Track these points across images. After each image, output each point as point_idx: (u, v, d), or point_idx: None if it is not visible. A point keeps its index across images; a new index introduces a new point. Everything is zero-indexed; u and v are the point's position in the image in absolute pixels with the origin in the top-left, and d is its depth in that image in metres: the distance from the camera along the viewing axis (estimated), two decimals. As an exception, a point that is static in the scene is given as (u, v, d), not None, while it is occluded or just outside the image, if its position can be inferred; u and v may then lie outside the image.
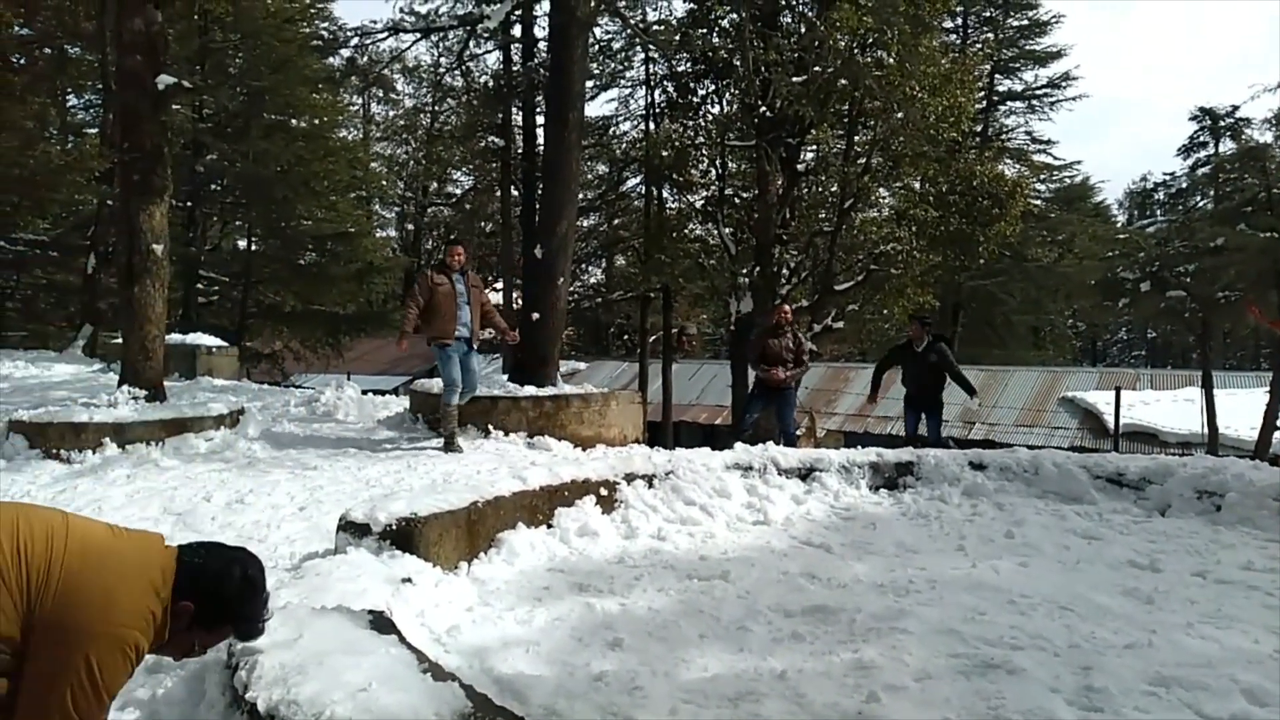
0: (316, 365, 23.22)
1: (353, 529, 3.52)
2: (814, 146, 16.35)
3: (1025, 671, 2.70)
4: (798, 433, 9.76)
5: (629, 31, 17.02)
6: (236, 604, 1.98)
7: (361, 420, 8.97)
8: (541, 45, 17.31)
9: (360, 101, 31.96)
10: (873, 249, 16.06)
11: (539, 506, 4.31)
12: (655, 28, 16.10)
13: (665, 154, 16.29)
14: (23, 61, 15.14)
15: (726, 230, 16.64)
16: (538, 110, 17.91)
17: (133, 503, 5.17)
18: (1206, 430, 15.16)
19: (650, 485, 4.90)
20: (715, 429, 20.95)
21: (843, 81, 13.81)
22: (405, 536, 3.48)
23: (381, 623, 2.44)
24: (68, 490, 5.46)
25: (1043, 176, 33.65)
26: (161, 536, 2.03)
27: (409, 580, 3.12)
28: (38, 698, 1.74)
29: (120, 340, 9.07)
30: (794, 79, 13.43)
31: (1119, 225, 38.28)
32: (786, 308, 9.33)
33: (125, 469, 6.13)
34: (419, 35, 14.07)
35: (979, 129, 28.11)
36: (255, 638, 2.08)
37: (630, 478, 4.83)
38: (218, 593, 1.95)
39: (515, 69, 18.35)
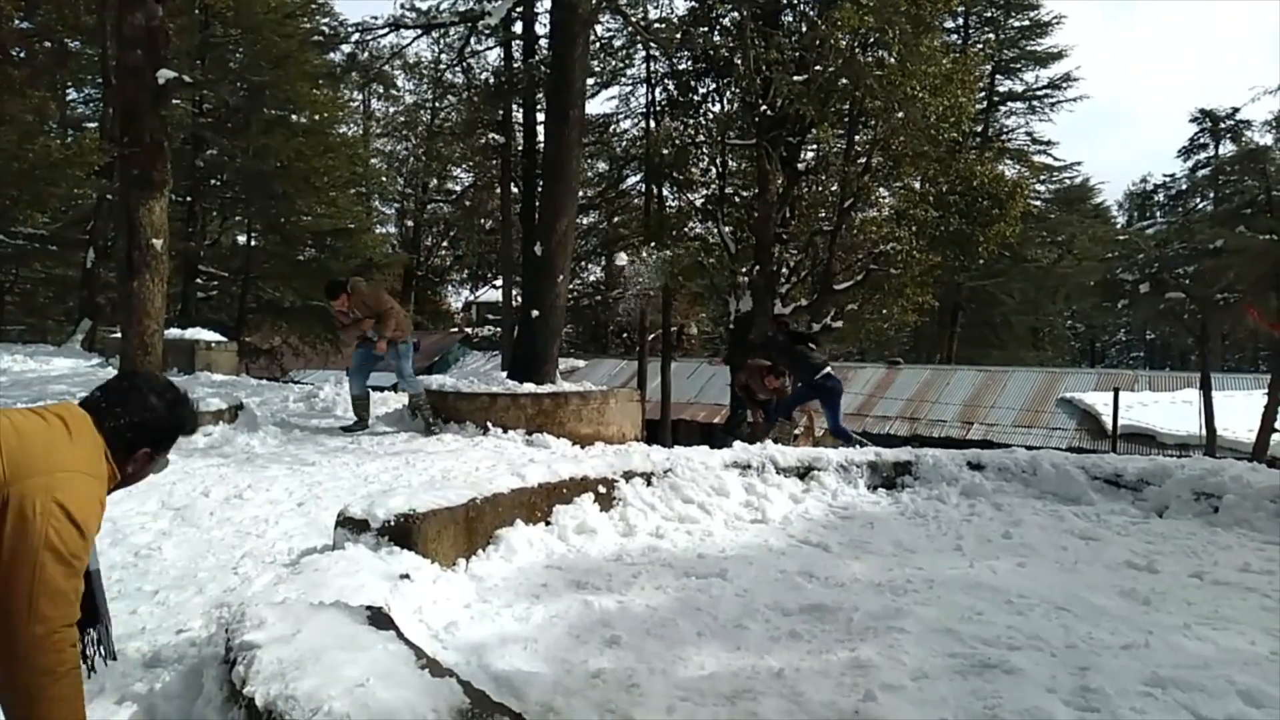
0: (315, 361, 23.24)
1: (351, 525, 3.51)
2: (814, 146, 16.38)
3: (1022, 671, 2.70)
4: (796, 432, 9.91)
5: (630, 29, 17.00)
6: (176, 423, 2.18)
7: (360, 416, 8.95)
8: (542, 42, 17.33)
9: (360, 97, 31.91)
10: (872, 248, 16.09)
11: (537, 504, 4.31)
12: (656, 26, 16.08)
13: (666, 152, 16.32)
14: (23, 55, 15.10)
15: (726, 229, 16.66)
16: (538, 107, 17.93)
17: (130, 496, 5.15)
18: (1204, 432, 15.18)
19: (649, 483, 4.90)
20: (714, 427, 20.95)
21: (843, 81, 13.83)
22: (403, 533, 3.47)
23: (379, 619, 2.44)
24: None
25: (1043, 177, 33.72)
26: (73, 403, 2.11)
27: (407, 576, 3.11)
28: (22, 551, 1.78)
29: (119, 334, 9.07)
30: (795, 78, 13.44)
31: (1118, 226, 38.32)
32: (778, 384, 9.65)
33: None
34: (420, 31, 14.09)
35: (979, 129, 28.16)
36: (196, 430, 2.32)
37: (629, 476, 4.83)
38: (160, 428, 2.13)
39: (516, 66, 18.36)
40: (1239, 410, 16.30)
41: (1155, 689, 2.59)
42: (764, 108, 14.62)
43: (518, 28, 18.12)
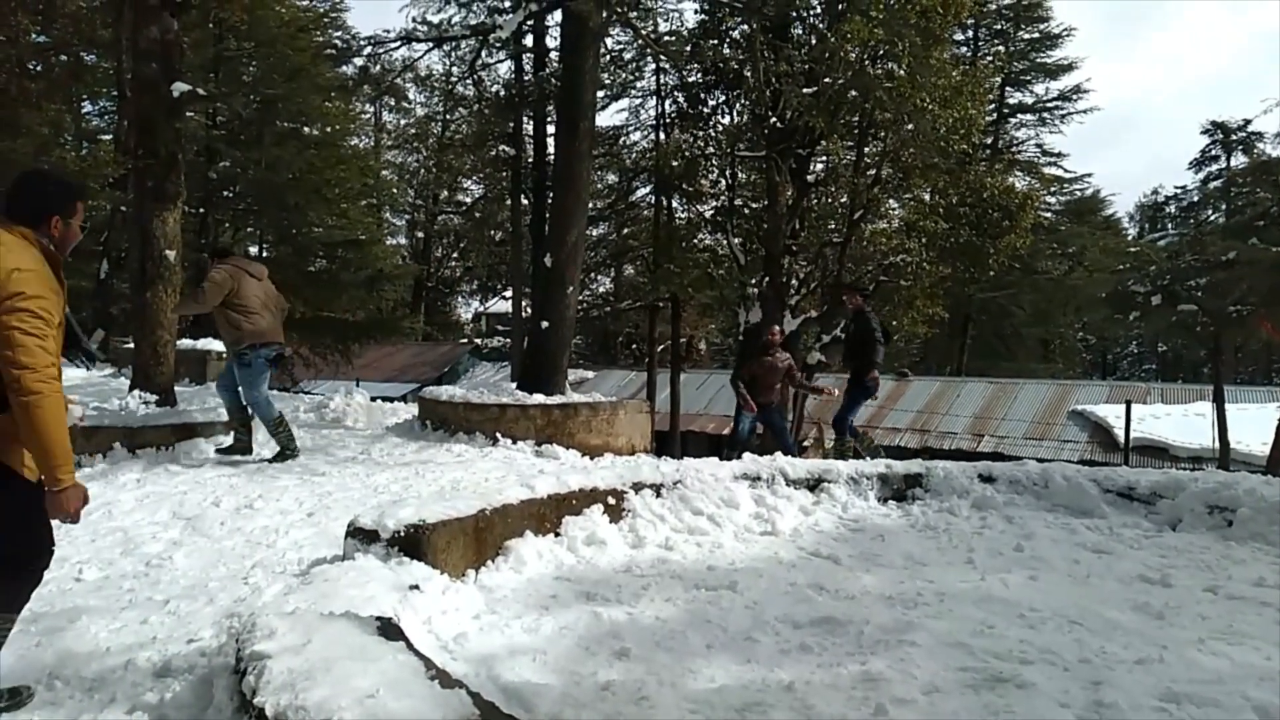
0: (326, 372, 23.28)
1: (361, 535, 3.52)
2: (824, 157, 16.39)
3: (1034, 686, 2.68)
4: (805, 444, 9.81)
5: (640, 42, 17.07)
6: (64, 188, 2.68)
7: (370, 427, 9.01)
8: (553, 55, 17.44)
9: (372, 110, 32.21)
10: (882, 260, 16.07)
11: (547, 515, 4.31)
12: (666, 38, 16.18)
13: (675, 164, 16.34)
14: (39, 68, 15.27)
15: (736, 240, 16.66)
16: (548, 119, 18.01)
17: (142, 507, 5.20)
18: (1217, 445, 15.07)
19: (658, 495, 4.89)
20: (723, 439, 20.91)
21: (853, 93, 13.83)
22: (413, 543, 3.48)
23: (389, 629, 2.45)
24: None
25: (1053, 189, 33.65)
26: None
27: (417, 587, 3.11)
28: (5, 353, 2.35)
29: (132, 345, 9.13)
30: (804, 90, 13.46)
31: (1130, 238, 38.19)
32: (777, 329, 9.45)
33: (135, 473, 6.16)
34: (431, 45, 14.15)
35: (989, 141, 28.14)
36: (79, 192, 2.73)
37: (638, 487, 4.83)
38: (51, 194, 2.63)
39: (526, 79, 18.46)
40: (1252, 423, 16.18)
41: (1169, 704, 2.57)
42: (773, 120, 14.65)
43: (528, 41, 18.24)
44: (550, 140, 17.02)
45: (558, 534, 4.30)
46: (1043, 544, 4.58)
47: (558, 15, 12.78)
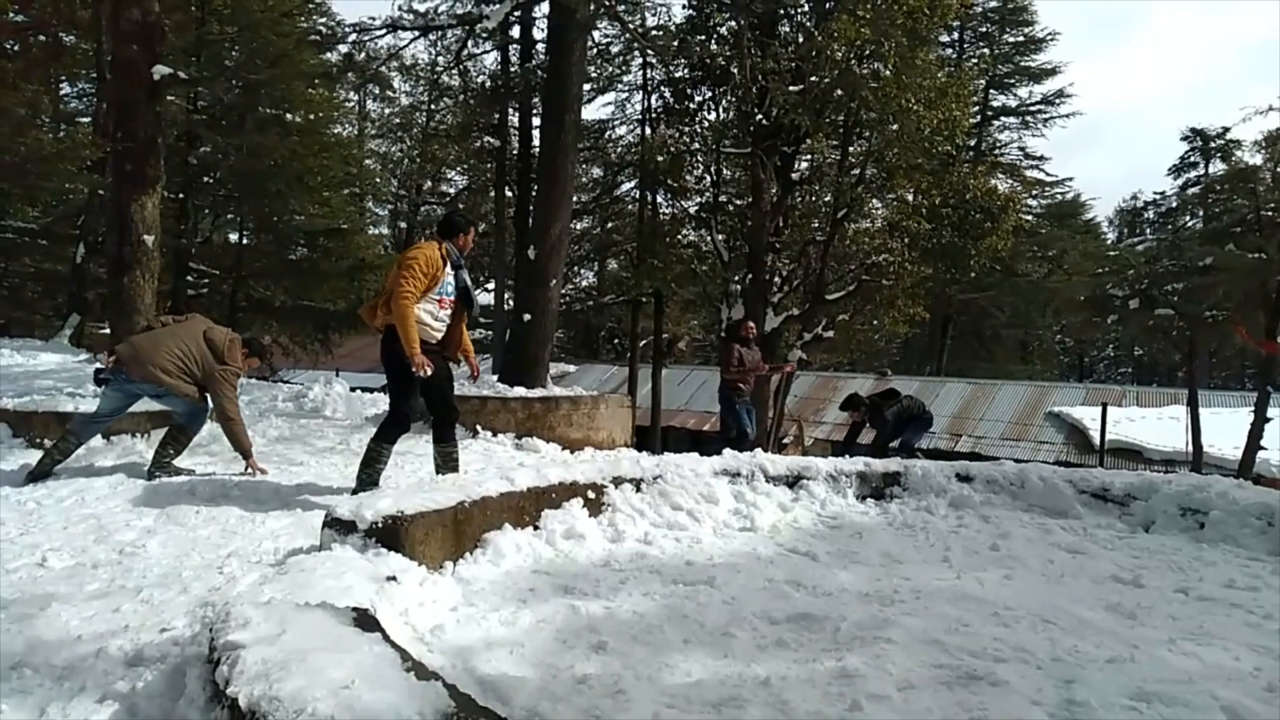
0: (305, 361, 23.13)
1: (338, 526, 3.50)
2: (809, 156, 16.44)
3: (1007, 684, 2.70)
4: (785, 441, 9.93)
5: (627, 36, 17.05)
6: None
7: (349, 417, 8.94)
8: (540, 47, 17.36)
9: (356, 98, 31.96)
10: (865, 259, 16.14)
11: (526, 508, 4.30)
12: (654, 33, 16.15)
13: (660, 159, 16.33)
14: (17, 48, 15.02)
15: (720, 237, 16.68)
16: (534, 112, 17.93)
17: (116, 494, 5.13)
18: (1191, 448, 15.24)
19: (638, 489, 4.89)
20: (704, 434, 20.93)
21: (839, 92, 13.88)
22: (391, 534, 3.46)
23: (365, 620, 2.43)
24: (50, 479, 5.41)
25: (1034, 192, 33.93)
26: None
27: (393, 579, 3.10)
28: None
29: (107, 331, 9.03)
30: (791, 88, 13.49)
31: (1109, 242, 38.56)
32: (751, 324, 9.71)
33: (109, 460, 6.09)
34: (417, 33, 14.07)
35: (972, 143, 28.33)
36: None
37: (618, 481, 4.83)
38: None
39: (513, 70, 18.37)
40: (1225, 427, 16.37)
41: (1140, 703, 2.60)
42: (759, 117, 14.66)
43: (515, 32, 18.15)
44: (535, 132, 16.94)
45: (536, 527, 4.29)
46: (1018, 543, 4.62)
47: (545, 7, 12.74)
